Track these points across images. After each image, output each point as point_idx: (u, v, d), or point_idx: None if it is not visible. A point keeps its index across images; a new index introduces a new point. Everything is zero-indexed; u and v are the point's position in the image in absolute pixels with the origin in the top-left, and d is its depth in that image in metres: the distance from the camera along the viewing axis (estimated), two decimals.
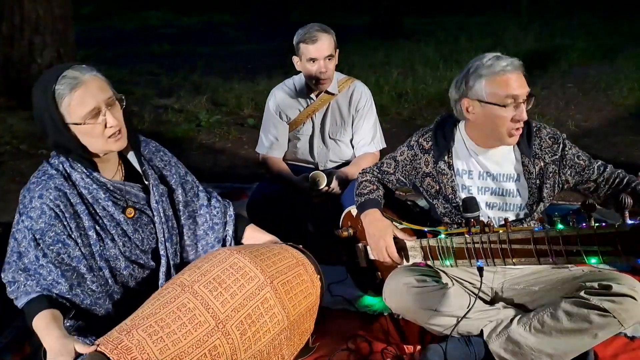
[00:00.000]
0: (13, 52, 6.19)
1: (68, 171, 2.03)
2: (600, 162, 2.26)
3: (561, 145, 2.25)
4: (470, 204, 2.10)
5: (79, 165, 2.03)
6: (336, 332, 2.46)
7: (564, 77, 7.43)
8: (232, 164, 4.88)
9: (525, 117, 2.15)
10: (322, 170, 3.40)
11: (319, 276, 2.19)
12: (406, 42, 10.46)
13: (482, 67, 2.15)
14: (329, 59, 3.24)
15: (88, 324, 2.06)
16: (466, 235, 2.08)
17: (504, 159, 2.29)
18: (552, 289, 2.19)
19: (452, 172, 2.32)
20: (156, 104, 6.30)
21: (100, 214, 2.04)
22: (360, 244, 2.61)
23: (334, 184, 3.18)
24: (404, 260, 2.34)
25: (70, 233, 1.99)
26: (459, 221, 2.32)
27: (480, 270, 2.13)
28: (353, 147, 3.47)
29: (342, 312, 2.63)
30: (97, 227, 2.04)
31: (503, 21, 12.30)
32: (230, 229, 2.37)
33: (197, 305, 1.87)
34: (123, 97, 2.06)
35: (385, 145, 3.57)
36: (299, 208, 3.27)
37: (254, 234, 2.43)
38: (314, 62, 3.23)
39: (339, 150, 3.46)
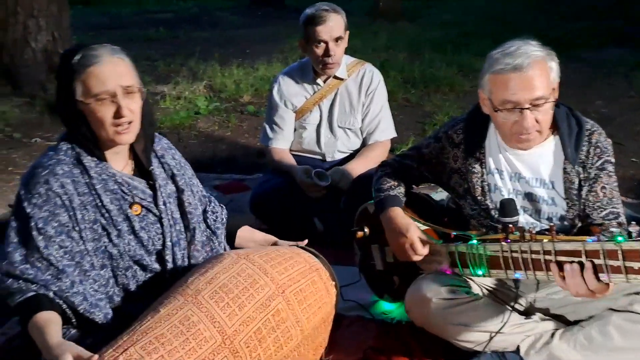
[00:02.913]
0: (7, 36, 6.05)
1: (78, 157, 1.88)
2: (614, 210, 1.98)
3: (603, 164, 1.98)
4: (509, 207, 1.89)
5: (87, 154, 1.89)
6: (350, 343, 2.26)
7: (579, 61, 7.21)
8: (232, 154, 4.72)
9: (527, 125, 1.88)
10: (329, 161, 3.21)
11: (333, 283, 1.99)
12: (410, 25, 10.23)
13: (490, 59, 1.92)
14: (338, 41, 3.03)
15: (83, 334, 1.86)
16: (502, 243, 1.86)
17: (539, 162, 2.04)
18: (595, 300, 1.98)
19: (484, 170, 2.10)
20: (153, 90, 6.14)
21: (107, 207, 1.89)
22: (376, 245, 2.41)
23: (341, 181, 2.98)
24: (427, 266, 2.14)
25: (74, 225, 1.83)
26: (488, 224, 2.10)
27: (517, 281, 1.92)
28: (362, 135, 3.26)
29: (356, 319, 2.43)
30: (104, 221, 1.89)
31: (510, 3, 12.04)
32: (222, 234, 2.21)
33: (201, 319, 1.67)
34: (145, 90, 1.92)
35: (396, 134, 3.38)
36: (305, 203, 3.07)
37: (248, 236, 2.26)
38: (321, 44, 3.01)
39: (347, 140, 3.26)
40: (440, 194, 3.46)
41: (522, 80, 1.85)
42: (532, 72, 1.85)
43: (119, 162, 1.97)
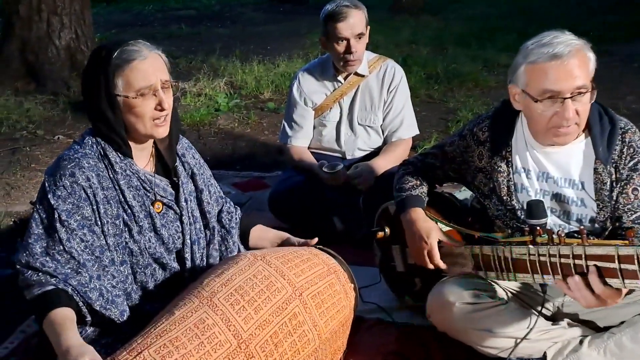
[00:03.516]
0: (30, 34, 6.09)
1: (104, 152, 1.87)
2: None
3: (636, 164, 1.89)
4: (537, 209, 1.82)
5: (112, 149, 1.88)
6: (369, 347, 2.20)
7: (609, 55, 7.02)
8: (252, 151, 4.68)
9: (569, 116, 1.79)
10: (349, 159, 3.15)
11: (352, 285, 1.94)
12: (433, 20, 10.09)
13: (525, 50, 1.84)
14: (359, 38, 2.97)
15: (98, 334, 1.84)
16: (530, 246, 1.78)
17: (569, 162, 1.95)
18: (627, 304, 1.88)
19: (510, 169, 2.02)
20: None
21: (129, 203, 1.88)
22: (397, 246, 2.34)
23: (361, 177, 2.91)
24: (449, 268, 2.07)
25: (97, 219, 1.82)
26: (514, 226, 2.02)
27: (544, 285, 1.85)
28: (383, 133, 3.20)
29: (376, 322, 2.36)
30: (126, 217, 1.88)
31: None
32: (236, 234, 2.18)
33: (216, 322, 1.63)
34: (178, 85, 1.95)
35: (418, 132, 3.31)
36: (325, 202, 3.02)
37: (262, 234, 2.24)
38: (342, 41, 2.95)
39: (368, 138, 3.20)
40: (463, 193, 3.37)
41: (563, 68, 1.77)
42: (573, 60, 1.77)
43: (143, 159, 1.97)
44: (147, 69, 1.83)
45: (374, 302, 2.43)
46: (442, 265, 2.06)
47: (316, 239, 2.06)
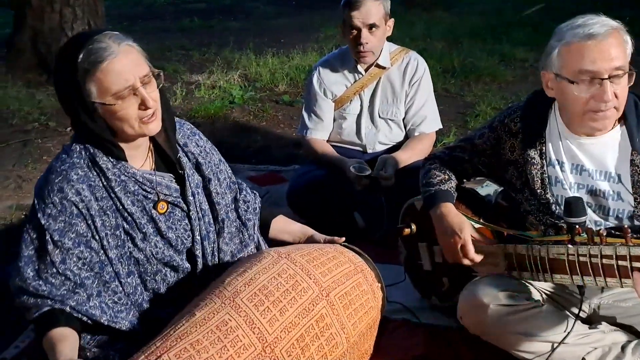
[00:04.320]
0: (43, 25, 6.04)
1: (93, 159, 1.71)
2: None
3: None
4: (577, 206, 1.71)
5: (103, 154, 1.72)
6: (395, 350, 2.11)
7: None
8: (267, 144, 4.59)
9: (608, 98, 1.69)
10: (370, 153, 3.06)
11: (379, 285, 1.84)
12: (446, 14, 9.96)
13: (559, 32, 1.76)
14: (373, 29, 2.86)
15: (111, 338, 1.75)
16: (569, 245, 1.68)
17: (605, 153, 1.85)
18: None
19: (544, 161, 1.92)
20: (188, 79, 6.05)
21: (129, 210, 1.74)
22: (424, 244, 2.25)
23: (388, 171, 2.80)
24: (480, 268, 1.98)
25: (94, 234, 1.69)
26: (548, 221, 1.92)
27: (581, 287, 1.75)
28: (405, 127, 3.10)
29: (402, 323, 2.27)
30: (126, 226, 1.74)
31: None
32: (255, 224, 2.06)
33: (240, 324, 1.54)
34: (161, 73, 1.74)
35: (441, 126, 3.21)
36: (346, 197, 2.92)
37: (283, 226, 2.12)
38: (353, 30, 2.86)
39: (389, 131, 3.10)
40: (486, 189, 3.26)
41: (600, 48, 1.69)
42: (610, 40, 1.69)
43: (139, 158, 1.80)
44: (121, 68, 1.61)
45: (399, 302, 2.34)
46: (478, 258, 1.96)
47: (343, 238, 1.96)
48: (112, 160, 1.73)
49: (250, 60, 6.51)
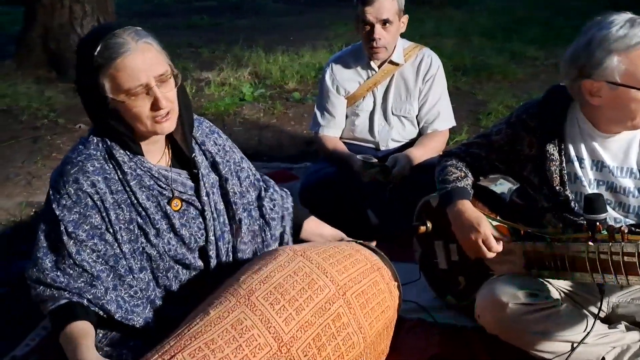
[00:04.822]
0: (53, 21, 6.05)
1: (110, 151, 1.69)
2: None
3: None
4: (598, 203, 1.67)
5: (120, 147, 1.70)
6: (411, 350, 2.07)
7: None
8: (278, 142, 4.57)
9: None
10: (383, 150, 3.02)
11: (396, 283, 1.81)
12: (456, 12, 9.92)
13: (611, 38, 1.66)
14: (386, 25, 2.82)
15: (123, 335, 1.72)
16: (589, 243, 1.65)
17: (625, 150, 1.82)
18: None
19: (563, 157, 1.88)
20: (197, 77, 6.04)
21: (143, 205, 1.71)
22: (440, 242, 2.21)
23: (402, 166, 2.77)
24: (497, 266, 1.94)
25: (108, 227, 1.67)
26: (567, 219, 1.88)
27: (601, 285, 1.71)
28: (418, 124, 3.06)
29: (417, 323, 2.23)
30: (140, 220, 1.72)
31: None
32: (287, 225, 2.02)
33: (255, 323, 1.51)
34: (179, 74, 1.71)
35: (454, 124, 3.17)
36: (359, 195, 2.88)
37: (315, 229, 2.08)
38: (366, 25, 2.82)
39: (402, 129, 3.06)
40: (499, 187, 3.23)
41: None
42: None
43: (155, 153, 1.78)
44: (135, 66, 1.58)
45: (414, 301, 2.30)
46: (501, 247, 1.92)
47: (375, 242, 1.92)
48: (128, 154, 1.71)
49: (260, 58, 6.49)
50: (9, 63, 6.13)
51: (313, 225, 2.08)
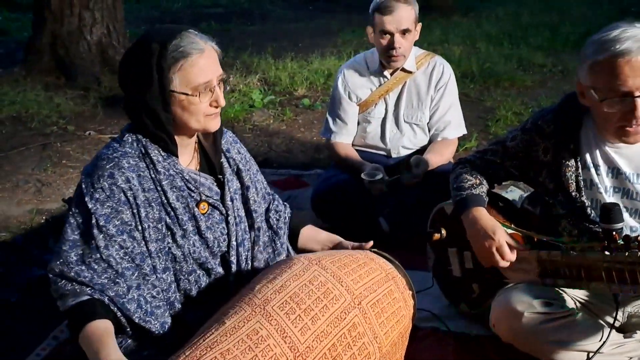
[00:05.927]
0: (62, 29, 6.03)
1: (145, 150, 1.73)
2: None
3: None
4: (614, 212, 1.67)
5: (155, 146, 1.74)
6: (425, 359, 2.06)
7: None
8: (288, 148, 4.57)
9: (639, 115, 1.66)
10: (394, 157, 3.01)
11: (410, 292, 1.80)
12: (464, 19, 9.91)
13: (592, 45, 1.71)
14: (405, 34, 2.83)
15: (139, 346, 1.71)
16: (605, 252, 1.64)
17: None
18: None
19: (578, 164, 1.88)
20: None
21: (173, 205, 1.74)
22: (454, 249, 2.20)
23: (419, 171, 2.76)
24: (512, 275, 1.93)
25: (137, 224, 1.69)
26: (582, 226, 1.87)
27: (616, 295, 1.70)
28: (429, 132, 3.06)
29: (431, 331, 2.22)
30: (168, 220, 1.74)
31: None
32: (285, 235, 2.06)
33: (271, 333, 1.50)
34: (226, 78, 1.77)
35: (465, 132, 3.16)
36: (371, 202, 2.88)
37: (312, 235, 2.10)
38: (386, 35, 2.82)
39: (414, 136, 3.06)
40: (511, 194, 3.21)
41: (632, 66, 1.64)
42: None
43: (186, 156, 1.83)
44: (205, 64, 1.70)
45: (428, 310, 2.29)
46: (514, 257, 1.91)
47: (371, 242, 1.92)
48: (163, 154, 1.75)
49: (269, 64, 6.49)
50: (18, 70, 6.11)
51: (309, 232, 2.11)
